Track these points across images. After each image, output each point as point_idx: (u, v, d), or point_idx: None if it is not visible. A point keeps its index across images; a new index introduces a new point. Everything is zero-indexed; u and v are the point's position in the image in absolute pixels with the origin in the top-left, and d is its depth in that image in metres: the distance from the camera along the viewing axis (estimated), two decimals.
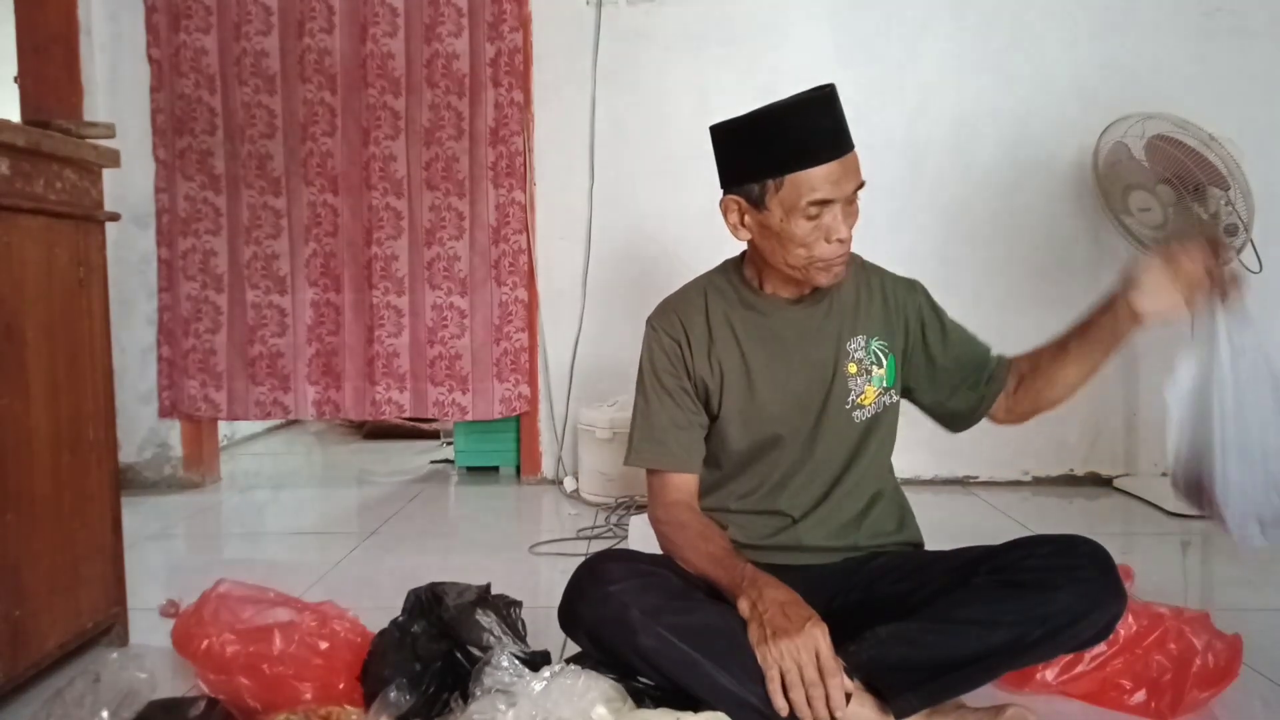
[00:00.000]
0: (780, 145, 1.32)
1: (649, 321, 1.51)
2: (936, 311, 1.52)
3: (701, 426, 1.48)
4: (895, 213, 2.98)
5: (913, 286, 1.53)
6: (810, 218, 1.31)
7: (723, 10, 3.04)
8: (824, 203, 1.31)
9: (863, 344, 1.45)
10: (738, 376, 1.46)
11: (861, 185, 1.34)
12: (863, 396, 1.45)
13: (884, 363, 1.46)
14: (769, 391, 1.45)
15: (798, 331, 1.45)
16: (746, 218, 1.38)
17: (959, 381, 1.48)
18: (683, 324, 1.48)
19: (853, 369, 1.44)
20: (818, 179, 1.30)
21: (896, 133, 3.00)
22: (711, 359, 1.46)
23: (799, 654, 1.17)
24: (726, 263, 1.54)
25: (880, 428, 1.48)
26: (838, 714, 1.16)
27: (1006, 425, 1.51)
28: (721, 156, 1.40)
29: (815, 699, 1.16)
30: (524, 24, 3.05)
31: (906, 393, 1.52)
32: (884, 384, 1.46)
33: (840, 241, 1.33)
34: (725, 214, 1.41)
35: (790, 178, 1.31)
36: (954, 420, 1.52)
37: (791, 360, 1.45)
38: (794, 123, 1.32)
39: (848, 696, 1.19)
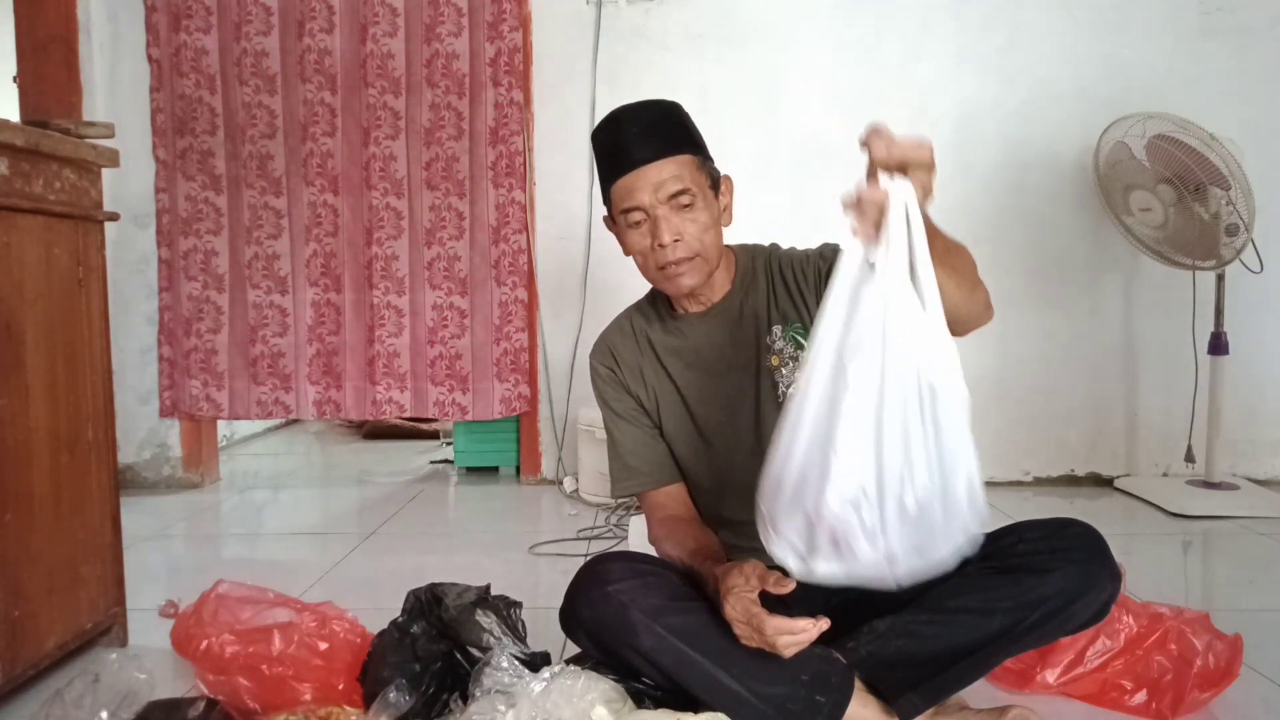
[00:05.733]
0: (601, 160, 1.40)
1: (589, 359, 1.55)
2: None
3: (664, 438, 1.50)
4: None
5: (820, 254, 1.43)
6: (632, 226, 1.35)
7: (723, 9, 3.04)
8: (635, 210, 1.33)
9: (780, 333, 1.42)
10: (670, 397, 1.48)
11: (681, 192, 1.31)
12: (794, 385, 1.42)
13: (805, 345, 1.41)
14: (701, 406, 1.46)
15: (714, 343, 1.44)
16: (619, 235, 1.42)
17: None
18: (613, 352, 1.52)
19: (775, 361, 1.42)
20: (622, 190, 1.34)
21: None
22: (645, 382, 1.49)
23: (746, 630, 1.16)
24: (653, 288, 1.52)
25: None
26: (800, 634, 1.13)
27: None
28: None
29: (781, 646, 1.14)
30: (524, 23, 3.05)
31: None
32: None
33: (662, 246, 1.32)
34: (611, 232, 1.45)
35: (611, 191, 1.37)
36: None
37: (715, 372, 1.45)
38: (605, 138, 1.38)
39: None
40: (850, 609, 1.34)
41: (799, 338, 1.42)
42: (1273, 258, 2.78)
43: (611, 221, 1.43)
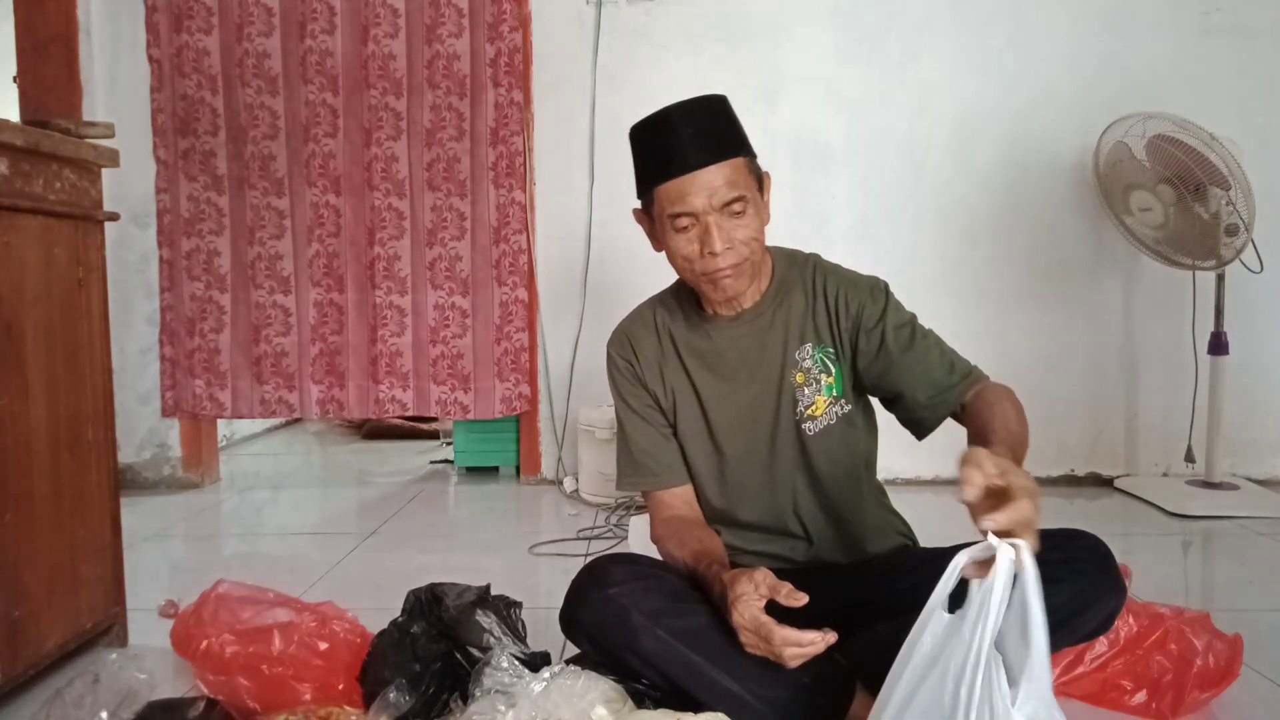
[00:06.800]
0: (647, 158, 1.34)
1: (607, 347, 1.51)
2: (894, 317, 1.37)
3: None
4: (896, 212, 2.98)
5: (870, 290, 1.40)
6: (679, 230, 1.30)
7: (723, 9, 3.04)
8: (684, 215, 1.29)
9: (810, 352, 1.40)
10: (687, 398, 1.45)
11: (735, 199, 1.28)
12: (813, 408, 1.39)
13: (832, 371, 1.39)
14: (718, 412, 1.44)
15: (740, 349, 1.42)
16: (653, 228, 1.38)
17: (917, 396, 1.34)
18: (632, 345, 1.48)
19: (800, 379, 1.40)
20: (672, 193, 1.29)
21: (897, 132, 3.00)
22: (664, 378, 1.47)
23: (753, 639, 1.16)
24: (679, 281, 1.46)
25: (839, 441, 1.41)
26: (807, 646, 1.13)
27: None
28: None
29: (787, 657, 1.13)
30: (524, 24, 3.05)
31: (886, 402, 1.41)
32: (833, 393, 1.40)
33: (713, 254, 1.28)
34: (640, 225, 1.41)
35: (656, 191, 1.32)
36: (915, 430, 1.40)
37: (737, 379, 1.43)
38: (654, 136, 1.33)
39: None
40: (853, 614, 1.34)
41: (828, 361, 1.39)
42: (1273, 258, 2.78)
43: (646, 217, 1.39)
